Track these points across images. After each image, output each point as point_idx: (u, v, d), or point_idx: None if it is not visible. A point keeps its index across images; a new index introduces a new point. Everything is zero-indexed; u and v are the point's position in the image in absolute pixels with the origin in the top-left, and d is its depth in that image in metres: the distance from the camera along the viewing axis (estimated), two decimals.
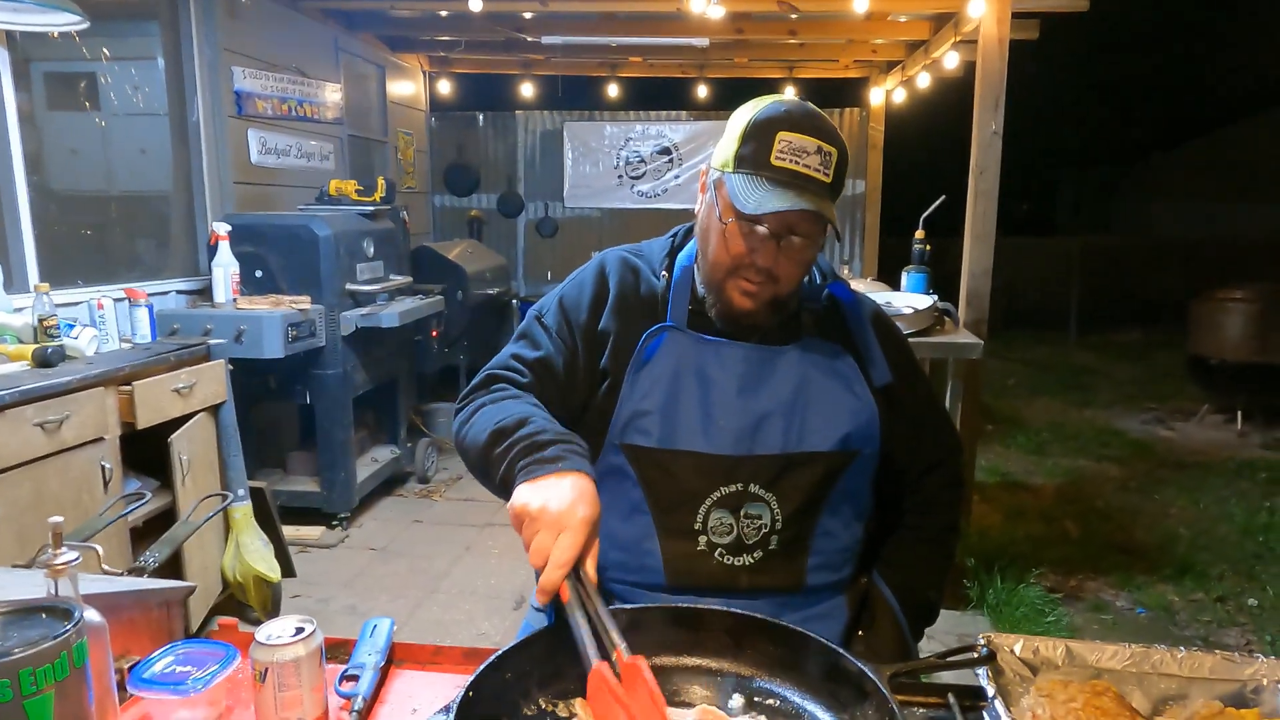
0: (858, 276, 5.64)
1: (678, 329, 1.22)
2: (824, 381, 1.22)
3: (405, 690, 1.02)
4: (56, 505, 2.26)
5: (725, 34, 5.44)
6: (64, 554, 0.82)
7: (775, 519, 1.20)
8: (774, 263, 1.14)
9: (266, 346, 3.34)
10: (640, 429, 1.19)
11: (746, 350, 1.21)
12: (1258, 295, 5.66)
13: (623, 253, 1.33)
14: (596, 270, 1.30)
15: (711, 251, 1.18)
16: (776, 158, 1.10)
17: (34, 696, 0.70)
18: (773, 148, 1.10)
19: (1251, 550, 3.88)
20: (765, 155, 1.10)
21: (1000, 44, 3.52)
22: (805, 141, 1.10)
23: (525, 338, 1.28)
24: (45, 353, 2.40)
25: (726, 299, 1.19)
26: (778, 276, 1.16)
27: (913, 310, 3.17)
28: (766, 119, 1.13)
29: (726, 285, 1.18)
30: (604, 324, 1.24)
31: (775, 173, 1.10)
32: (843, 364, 1.24)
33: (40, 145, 3.31)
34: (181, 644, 0.99)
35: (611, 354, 1.23)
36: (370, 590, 3.42)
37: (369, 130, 5.79)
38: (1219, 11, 13.14)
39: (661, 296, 1.25)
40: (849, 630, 1.30)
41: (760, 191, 1.10)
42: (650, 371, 1.20)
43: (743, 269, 1.15)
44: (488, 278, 5.47)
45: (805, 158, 1.10)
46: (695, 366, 1.20)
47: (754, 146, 1.12)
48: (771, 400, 1.19)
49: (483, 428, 1.10)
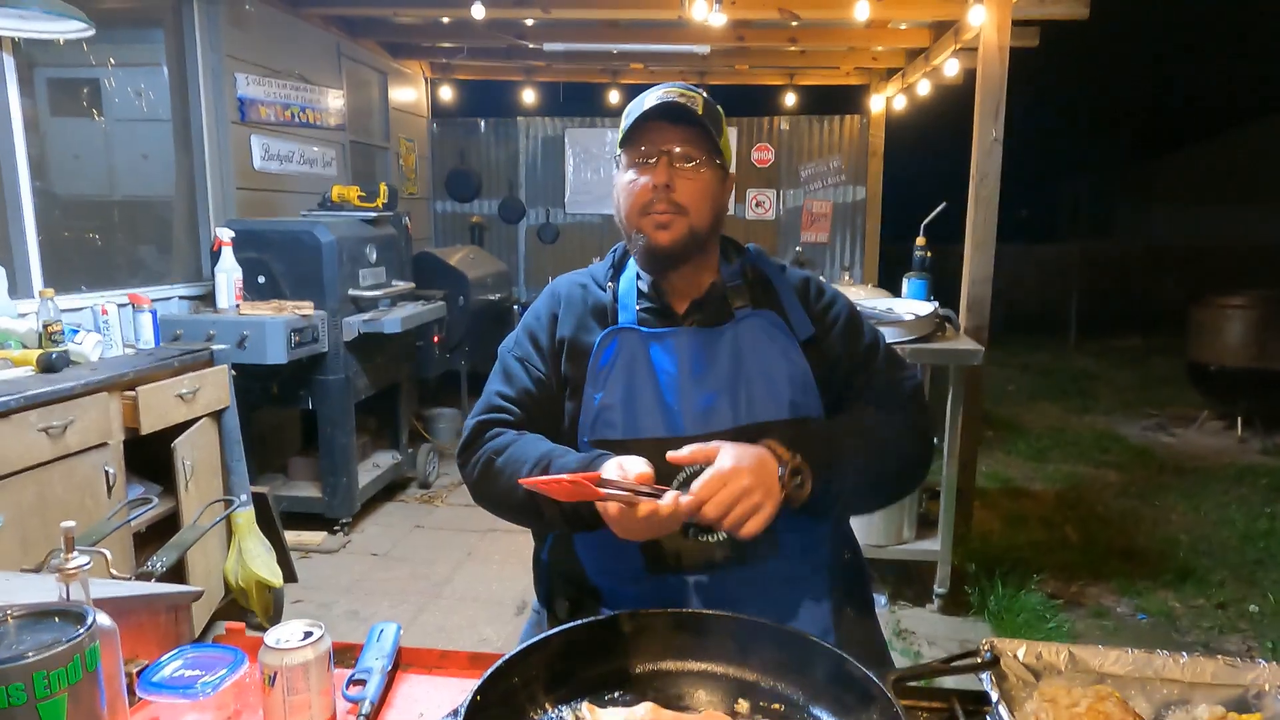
0: (858, 283, 5.65)
1: (627, 329, 1.31)
2: (761, 351, 1.29)
3: (412, 695, 1.03)
4: (60, 510, 2.26)
5: (726, 41, 5.47)
6: (76, 558, 0.83)
7: None
8: (668, 179, 1.25)
9: (269, 352, 3.35)
10: (607, 422, 1.27)
11: (689, 334, 1.30)
12: (1257, 302, 5.67)
13: (569, 276, 1.45)
14: (548, 295, 1.41)
15: (623, 205, 1.30)
16: (649, 103, 1.27)
17: (48, 699, 0.71)
18: (646, 100, 1.28)
19: (1252, 556, 3.88)
20: (637, 109, 1.28)
21: (1000, 51, 3.54)
22: (672, 90, 1.27)
23: (501, 375, 1.38)
24: (50, 358, 2.40)
25: (649, 242, 1.28)
26: (683, 205, 1.26)
27: (914, 317, 3.18)
28: (646, 90, 1.30)
29: (642, 226, 1.28)
30: (559, 335, 1.34)
31: (651, 111, 1.26)
32: (777, 331, 1.31)
33: (44, 151, 3.32)
34: (190, 648, 0.99)
35: (569, 360, 1.32)
36: (372, 595, 3.42)
37: (371, 136, 5.81)
38: (1218, 18, 13.19)
39: (610, 305, 1.34)
40: (837, 608, 1.31)
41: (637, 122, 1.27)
42: (609, 371, 1.29)
43: (648, 202, 1.26)
44: (489, 283, 5.48)
45: (667, 92, 1.27)
46: (646, 358, 1.29)
47: (634, 106, 1.29)
48: (717, 379, 1.27)
49: (514, 472, 1.19)
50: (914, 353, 3.11)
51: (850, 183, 7.05)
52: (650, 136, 1.26)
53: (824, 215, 7.05)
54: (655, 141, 1.26)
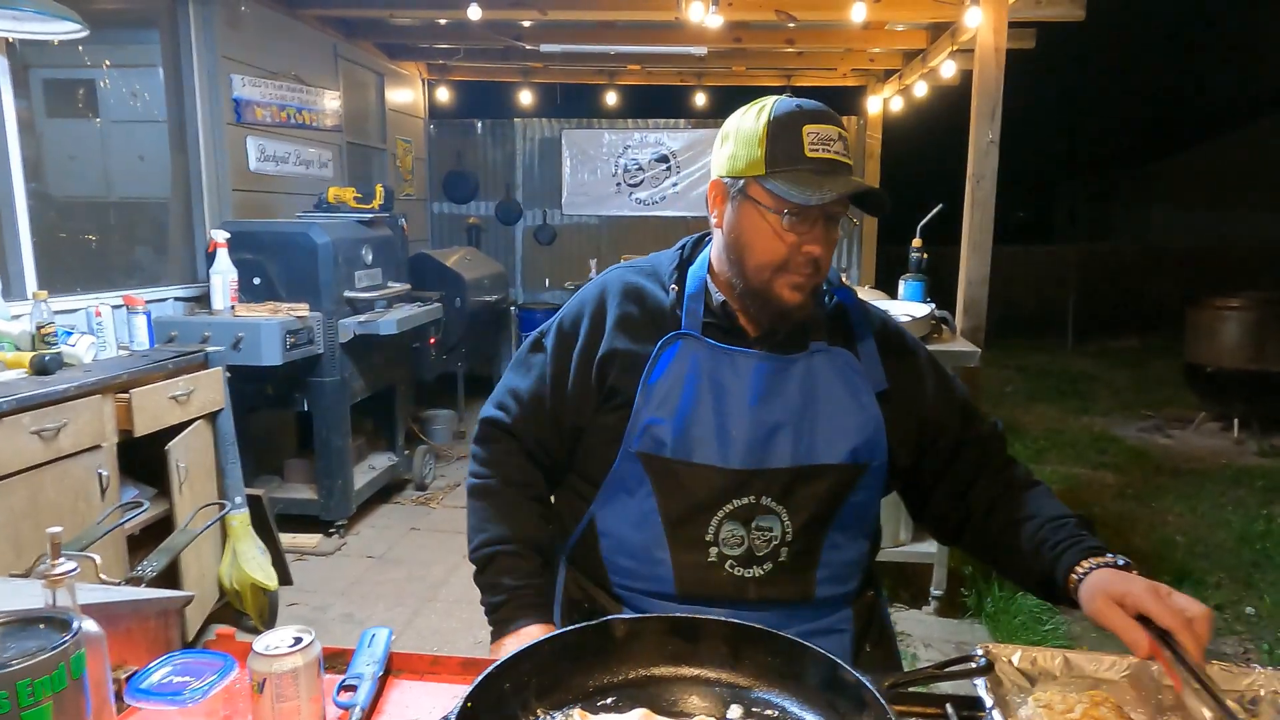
0: (855, 284, 5.65)
1: (692, 336, 1.22)
2: (832, 392, 1.22)
3: (403, 700, 1.02)
4: (53, 513, 2.25)
5: (723, 43, 5.46)
6: (62, 564, 0.82)
7: (786, 531, 1.20)
8: (823, 249, 1.16)
9: (264, 354, 3.34)
10: (655, 437, 1.19)
11: (760, 358, 1.21)
12: (1254, 303, 5.68)
13: (626, 272, 1.33)
14: (597, 294, 1.31)
15: (758, 253, 1.18)
16: (810, 150, 1.13)
17: (32, 708, 0.70)
18: (804, 142, 1.13)
19: (1249, 558, 3.88)
20: (799, 150, 1.13)
21: (997, 53, 3.53)
22: (829, 130, 1.15)
23: (522, 365, 1.34)
24: (43, 360, 2.39)
25: (775, 297, 1.18)
26: (821, 264, 1.18)
27: (910, 318, 3.18)
28: (788, 116, 1.15)
29: (775, 284, 1.18)
30: (605, 347, 1.25)
31: (813, 164, 1.13)
32: (850, 372, 1.24)
33: (39, 152, 3.31)
34: (179, 654, 0.99)
35: (620, 371, 1.23)
36: (367, 598, 3.41)
37: (367, 138, 5.80)
38: (1214, 20, 13.21)
39: (671, 308, 1.25)
40: (857, 645, 1.30)
41: (806, 184, 1.12)
42: (664, 380, 1.20)
43: (793, 263, 1.16)
44: (486, 285, 5.47)
45: (832, 145, 1.15)
46: (710, 374, 1.21)
47: (784, 144, 1.14)
48: (783, 411, 1.20)
49: (469, 539, 1.31)
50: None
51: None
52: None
53: None
54: (824, 207, 1.13)
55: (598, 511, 1.27)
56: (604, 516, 1.26)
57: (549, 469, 1.35)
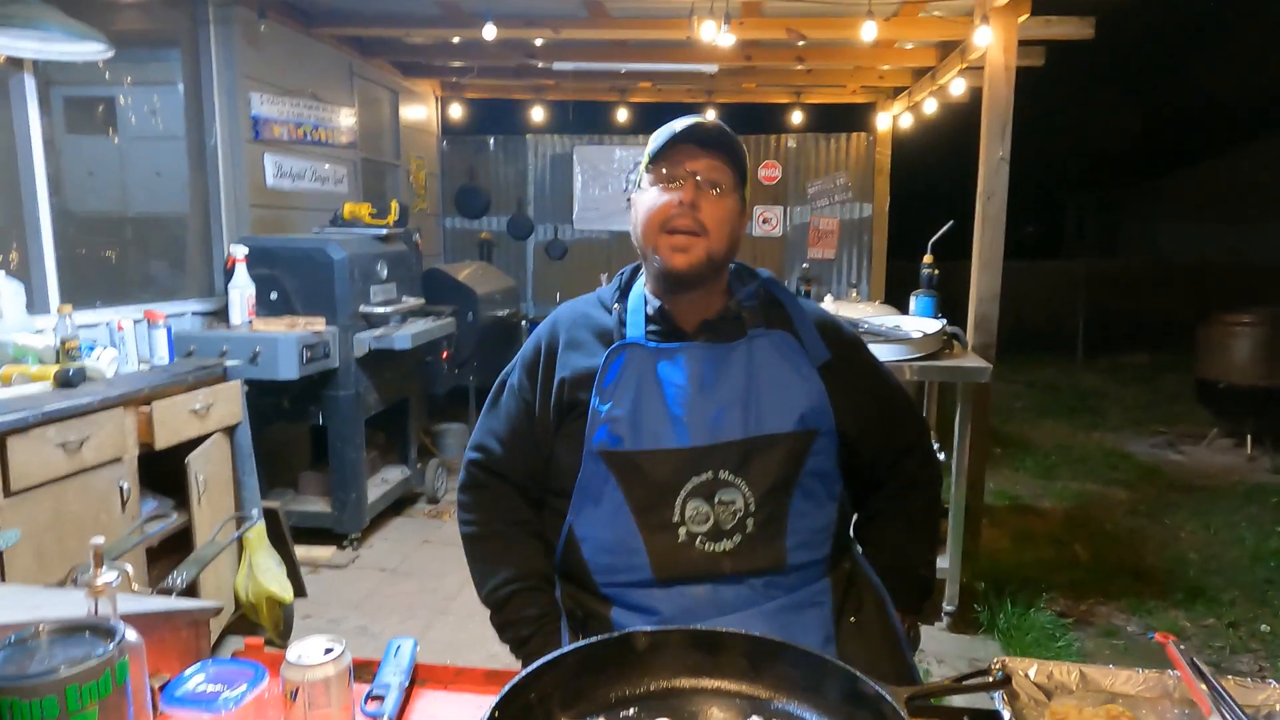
0: (865, 300, 5.66)
1: (635, 344, 1.32)
2: (774, 369, 1.31)
3: (428, 711, 1.04)
4: (75, 525, 2.29)
5: (734, 61, 5.51)
6: (105, 574, 0.85)
7: (748, 502, 1.27)
8: (693, 200, 1.26)
9: (281, 368, 3.37)
10: (613, 435, 1.28)
11: (700, 349, 1.31)
12: (1265, 319, 5.66)
13: (574, 304, 1.46)
14: (549, 327, 1.42)
15: (642, 221, 1.31)
16: (676, 126, 1.29)
17: (80, 713, 0.73)
18: (675, 126, 1.30)
19: (1263, 575, 3.86)
20: (669, 131, 1.30)
21: (1007, 71, 3.56)
22: (698, 118, 1.30)
23: (494, 406, 1.45)
24: (67, 374, 2.43)
25: (663, 260, 1.29)
26: (704, 225, 1.27)
27: (922, 334, 3.19)
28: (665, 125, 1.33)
29: (660, 246, 1.29)
30: (562, 370, 1.35)
31: (678, 134, 1.29)
32: (789, 349, 1.33)
33: (61, 168, 3.37)
34: (211, 663, 1.01)
35: (574, 386, 1.33)
36: (381, 611, 3.43)
37: (382, 154, 5.87)
38: (1224, 37, 13.22)
39: (616, 325, 1.36)
40: (838, 615, 1.33)
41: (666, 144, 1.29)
42: (615, 385, 1.30)
43: (669, 221, 1.27)
44: (498, 299, 5.51)
45: (699, 119, 1.29)
46: (655, 373, 1.30)
47: (660, 136, 1.31)
48: (729, 391, 1.29)
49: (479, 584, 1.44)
50: (922, 370, 3.13)
51: (857, 200, 7.08)
52: (679, 158, 1.28)
53: (831, 232, 7.08)
54: (684, 163, 1.28)
55: (574, 519, 1.33)
56: (580, 522, 1.32)
57: (539, 503, 1.43)
